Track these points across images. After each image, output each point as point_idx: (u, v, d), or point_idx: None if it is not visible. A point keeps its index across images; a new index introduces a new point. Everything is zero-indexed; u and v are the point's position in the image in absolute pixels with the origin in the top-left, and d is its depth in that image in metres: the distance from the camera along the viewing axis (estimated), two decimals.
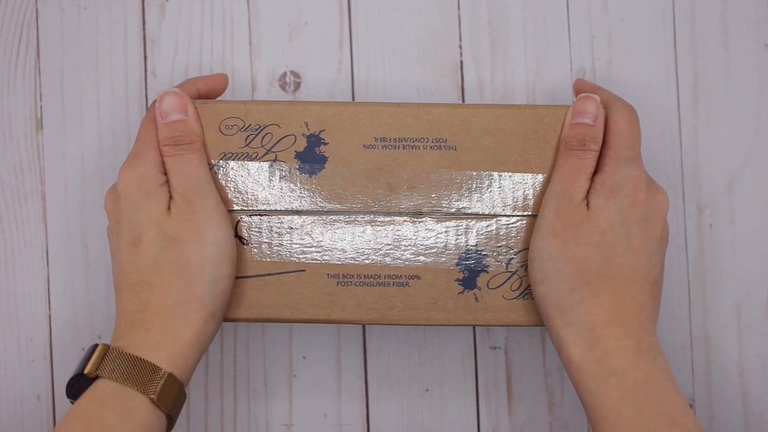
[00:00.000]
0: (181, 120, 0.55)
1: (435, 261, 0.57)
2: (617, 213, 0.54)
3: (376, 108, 0.57)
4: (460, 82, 0.66)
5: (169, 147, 0.55)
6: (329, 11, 0.66)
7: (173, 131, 0.55)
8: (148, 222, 0.54)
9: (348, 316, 0.57)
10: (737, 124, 0.66)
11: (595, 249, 0.53)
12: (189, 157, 0.55)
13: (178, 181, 0.54)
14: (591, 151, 0.55)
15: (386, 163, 0.57)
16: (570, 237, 0.54)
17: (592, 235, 0.53)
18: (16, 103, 0.66)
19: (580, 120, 0.55)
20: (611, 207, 0.54)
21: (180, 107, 0.55)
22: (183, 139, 0.55)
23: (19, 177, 0.65)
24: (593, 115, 0.55)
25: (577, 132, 0.55)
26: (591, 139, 0.55)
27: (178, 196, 0.54)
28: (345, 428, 0.66)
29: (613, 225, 0.54)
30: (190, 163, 0.55)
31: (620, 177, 0.54)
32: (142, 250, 0.54)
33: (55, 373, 0.65)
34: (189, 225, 0.54)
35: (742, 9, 0.66)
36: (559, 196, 0.55)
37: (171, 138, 0.55)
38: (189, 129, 0.55)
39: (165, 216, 0.54)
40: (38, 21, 0.66)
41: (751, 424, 0.66)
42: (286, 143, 0.57)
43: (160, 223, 0.54)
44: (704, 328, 0.66)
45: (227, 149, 0.57)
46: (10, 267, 0.65)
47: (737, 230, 0.66)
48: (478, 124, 0.57)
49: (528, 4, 0.66)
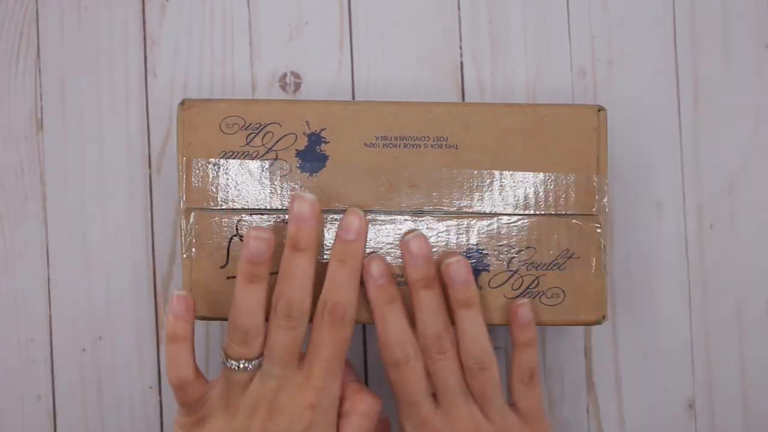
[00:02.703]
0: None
1: (436, 260, 0.57)
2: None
3: (377, 106, 0.57)
4: (460, 82, 0.66)
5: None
6: (329, 11, 0.66)
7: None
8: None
9: None
10: (737, 124, 0.66)
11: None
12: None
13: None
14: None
15: (387, 162, 0.57)
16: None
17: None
18: (16, 103, 0.66)
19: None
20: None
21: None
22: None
23: (19, 177, 0.65)
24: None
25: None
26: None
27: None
28: None
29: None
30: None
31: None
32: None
33: (55, 373, 0.65)
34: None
35: (742, 9, 0.66)
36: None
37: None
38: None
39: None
40: (38, 21, 0.66)
41: (751, 424, 0.66)
42: (287, 142, 0.57)
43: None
44: (704, 328, 0.66)
45: (228, 148, 0.57)
46: (10, 267, 0.65)
47: (737, 230, 0.66)
48: (479, 123, 0.57)
49: (528, 4, 0.66)
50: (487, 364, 0.55)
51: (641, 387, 0.66)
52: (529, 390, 0.57)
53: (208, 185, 0.57)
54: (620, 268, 0.65)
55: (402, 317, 0.55)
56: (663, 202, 0.66)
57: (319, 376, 0.53)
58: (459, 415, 0.55)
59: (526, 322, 0.56)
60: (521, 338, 0.56)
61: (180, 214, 0.57)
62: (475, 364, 0.55)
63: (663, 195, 0.66)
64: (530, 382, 0.56)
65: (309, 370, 0.54)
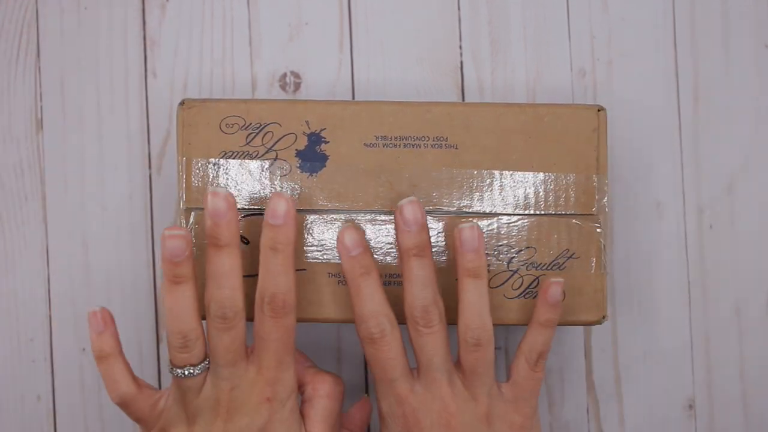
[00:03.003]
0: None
1: (436, 260, 0.57)
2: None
3: (377, 106, 0.57)
4: (460, 82, 0.66)
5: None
6: (329, 11, 0.66)
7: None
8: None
9: (349, 315, 0.57)
10: (737, 124, 0.66)
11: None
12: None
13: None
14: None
15: (387, 162, 0.57)
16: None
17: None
18: (16, 103, 0.66)
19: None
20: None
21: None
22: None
23: (19, 177, 0.65)
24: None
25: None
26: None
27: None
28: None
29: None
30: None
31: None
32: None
33: (55, 373, 0.65)
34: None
35: (742, 9, 0.66)
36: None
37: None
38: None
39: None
40: (38, 21, 0.66)
41: (751, 424, 0.66)
42: (287, 142, 0.57)
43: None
44: (704, 328, 0.66)
45: (228, 148, 0.57)
46: (10, 267, 0.65)
47: (737, 230, 0.66)
48: (479, 123, 0.57)
49: (528, 4, 0.66)
50: (484, 341, 0.53)
51: (641, 387, 0.66)
52: (532, 372, 0.55)
53: (208, 185, 0.57)
54: (620, 268, 0.65)
55: (378, 289, 0.53)
56: (663, 202, 0.66)
57: (270, 368, 0.52)
58: (440, 394, 0.54)
59: (554, 301, 0.54)
60: (543, 316, 0.55)
61: (180, 214, 0.57)
62: (473, 338, 0.53)
63: (663, 195, 0.66)
64: (536, 364, 0.55)
65: (259, 364, 0.52)
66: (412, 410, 0.54)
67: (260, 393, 0.52)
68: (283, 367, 0.53)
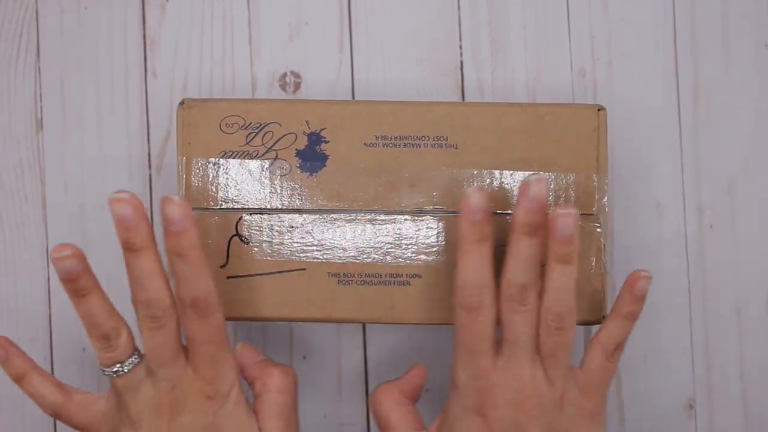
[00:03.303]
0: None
1: (436, 260, 0.57)
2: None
3: (377, 106, 0.57)
4: (460, 82, 0.66)
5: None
6: (329, 11, 0.66)
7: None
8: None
9: (348, 315, 0.57)
10: (737, 124, 0.66)
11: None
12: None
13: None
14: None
15: (387, 162, 0.57)
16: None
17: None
18: (16, 103, 0.66)
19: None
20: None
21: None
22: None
23: (19, 177, 0.65)
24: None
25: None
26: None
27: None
28: (345, 428, 0.66)
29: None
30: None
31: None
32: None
33: (55, 373, 0.65)
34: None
35: (742, 9, 0.66)
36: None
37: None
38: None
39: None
40: (38, 21, 0.66)
41: (751, 424, 0.66)
42: (287, 141, 0.57)
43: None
44: (704, 328, 0.66)
45: (228, 147, 0.57)
46: (10, 267, 0.65)
47: (737, 230, 0.66)
48: (479, 123, 0.57)
49: (528, 4, 0.66)
50: (567, 325, 0.53)
51: (641, 387, 0.66)
52: (607, 362, 0.55)
53: (207, 185, 0.57)
54: (620, 268, 0.65)
55: (487, 260, 0.52)
56: (663, 202, 0.66)
57: (206, 367, 0.52)
58: (521, 372, 0.53)
59: (640, 295, 0.54)
60: (626, 308, 0.55)
61: None
62: (554, 321, 0.53)
63: (663, 195, 0.66)
64: (612, 355, 0.55)
65: (195, 364, 0.52)
66: (489, 385, 0.53)
67: (200, 391, 0.52)
68: (219, 364, 0.52)
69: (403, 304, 0.57)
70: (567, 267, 0.52)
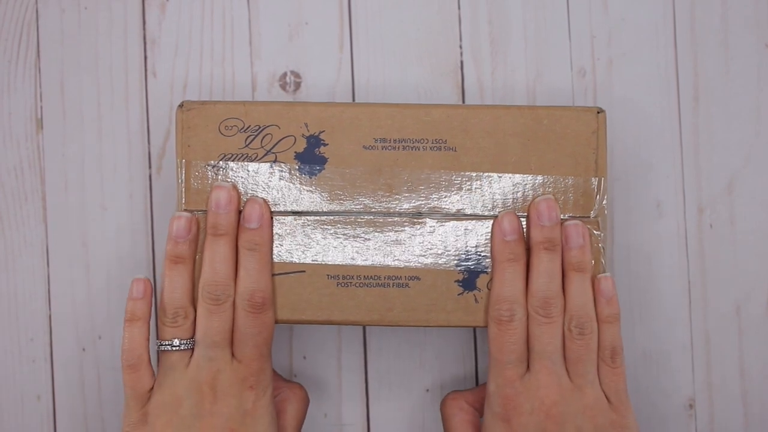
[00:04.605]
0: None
1: (435, 262, 0.57)
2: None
3: (376, 109, 0.57)
4: (460, 82, 0.66)
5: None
6: (329, 11, 0.66)
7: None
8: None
9: (348, 317, 0.57)
10: (737, 124, 0.66)
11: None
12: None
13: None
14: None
15: (386, 164, 0.57)
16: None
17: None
18: (16, 103, 0.66)
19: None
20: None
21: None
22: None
23: (19, 177, 0.65)
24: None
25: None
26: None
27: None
28: (345, 428, 0.66)
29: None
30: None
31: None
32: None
33: (55, 373, 0.65)
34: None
35: (742, 9, 0.66)
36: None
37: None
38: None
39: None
40: (38, 21, 0.66)
41: (751, 424, 0.66)
42: (286, 144, 0.57)
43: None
44: (704, 328, 0.66)
45: (227, 150, 0.57)
46: (10, 267, 0.65)
47: (737, 230, 0.66)
48: (477, 125, 0.57)
49: (528, 4, 0.66)
50: (588, 330, 0.56)
51: (641, 387, 0.66)
52: (611, 369, 0.57)
53: (207, 188, 0.57)
54: (620, 268, 0.65)
55: (520, 278, 0.56)
56: (663, 202, 0.66)
57: (252, 359, 0.55)
58: (548, 381, 0.55)
59: (609, 296, 0.57)
60: (603, 313, 0.57)
61: None
62: (576, 327, 0.56)
63: (663, 195, 0.66)
64: (612, 360, 0.56)
65: (241, 353, 0.55)
66: (515, 393, 0.56)
67: (243, 381, 0.55)
68: (263, 359, 0.56)
69: (402, 307, 0.57)
70: (581, 274, 0.56)
